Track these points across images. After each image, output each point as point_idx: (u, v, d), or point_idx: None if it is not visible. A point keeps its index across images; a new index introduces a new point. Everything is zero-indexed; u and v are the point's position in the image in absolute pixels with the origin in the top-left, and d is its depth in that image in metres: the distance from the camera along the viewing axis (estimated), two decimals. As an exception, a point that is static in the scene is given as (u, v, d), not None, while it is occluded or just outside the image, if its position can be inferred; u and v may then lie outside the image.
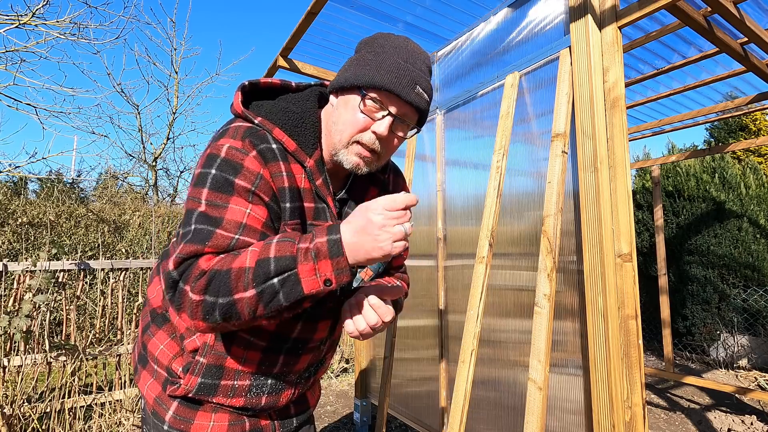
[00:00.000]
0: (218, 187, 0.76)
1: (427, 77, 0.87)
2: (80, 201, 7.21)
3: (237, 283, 0.69)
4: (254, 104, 0.87)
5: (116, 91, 8.01)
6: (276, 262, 0.69)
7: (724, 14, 1.57)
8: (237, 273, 0.69)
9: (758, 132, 7.50)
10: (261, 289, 0.69)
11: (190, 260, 0.72)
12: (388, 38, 0.86)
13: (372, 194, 0.99)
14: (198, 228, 0.74)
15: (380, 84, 0.80)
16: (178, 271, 0.72)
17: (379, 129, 0.82)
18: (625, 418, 1.32)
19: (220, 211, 0.75)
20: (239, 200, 0.76)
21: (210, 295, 0.69)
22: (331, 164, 0.91)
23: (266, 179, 0.79)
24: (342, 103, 0.86)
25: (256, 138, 0.80)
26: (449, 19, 2.33)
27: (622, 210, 1.38)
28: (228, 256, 0.72)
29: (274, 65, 2.61)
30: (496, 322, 1.91)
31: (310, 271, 0.69)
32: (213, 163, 0.77)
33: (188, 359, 0.88)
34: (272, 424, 0.96)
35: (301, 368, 0.96)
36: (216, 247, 0.73)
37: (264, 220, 0.79)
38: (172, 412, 0.88)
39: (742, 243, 4.75)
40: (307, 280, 0.69)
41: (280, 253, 0.70)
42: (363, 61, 0.84)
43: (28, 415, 2.51)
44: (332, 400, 3.57)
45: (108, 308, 3.30)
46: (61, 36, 4.94)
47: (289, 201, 0.82)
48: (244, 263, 0.70)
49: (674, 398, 3.75)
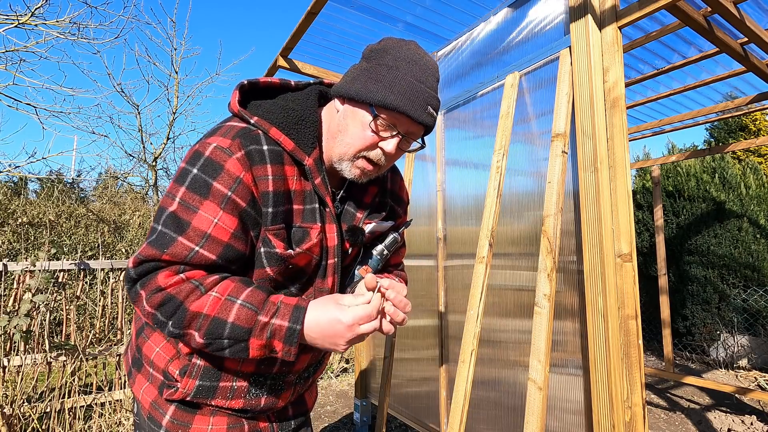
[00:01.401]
0: (195, 187, 0.77)
1: (437, 94, 0.87)
2: (80, 201, 7.21)
3: (190, 323, 0.74)
4: (252, 104, 0.87)
5: (116, 91, 8.00)
6: (231, 329, 0.73)
7: (724, 14, 1.57)
8: (192, 316, 0.73)
9: (758, 132, 7.50)
10: (209, 342, 0.74)
11: (148, 263, 0.75)
12: (399, 49, 0.84)
13: (371, 192, 0.98)
14: (163, 231, 0.76)
15: (393, 106, 0.79)
16: (136, 271, 0.75)
17: (387, 147, 0.83)
18: (625, 418, 1.32)
19: (190, 214, 0.76)
20: (211, 205, 0.76)
21: (161, 315, 0.74)
22: (330, 164, 0.91)
23: (246, 183, 0.78)
24: (350, 114, 0.84)
25: (247, 139, 0.80)
26: (449, 19, 2.33)
27: (622, 210, 1.38)
28: (188, 284, 0.74)
29: (274, 65, 2.61)
30: (496, 322, 1.91)
31: (260, 346, 0.75)
32: (197, 162, 0.78)
33: (185, 362, 0.87)
34: (271, 426, 0.95)
35: (300, 368, 0.95)
36: (173, 256, 0.75)
37: (232, 230, 0.78)
38: (170, 417, 0.87)
39: (742, 243, 4.75)
40: (255, 350, 0.75)
41: (238, 321, 0.73)
42: (375, 75, 0.82)
43: (28, 415, 2.51)
44: (332, 400, 3.57)
45: (108, 308, 3.30)
46: (60, 36, 4.93)
47: (272, 206, 0.81)
48: (202, 309, 0.73)
49: (674, 398, 3.75)
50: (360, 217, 0.95)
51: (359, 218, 0.95)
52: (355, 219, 0.95)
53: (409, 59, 0.83)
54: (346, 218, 0.95)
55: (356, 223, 0.94)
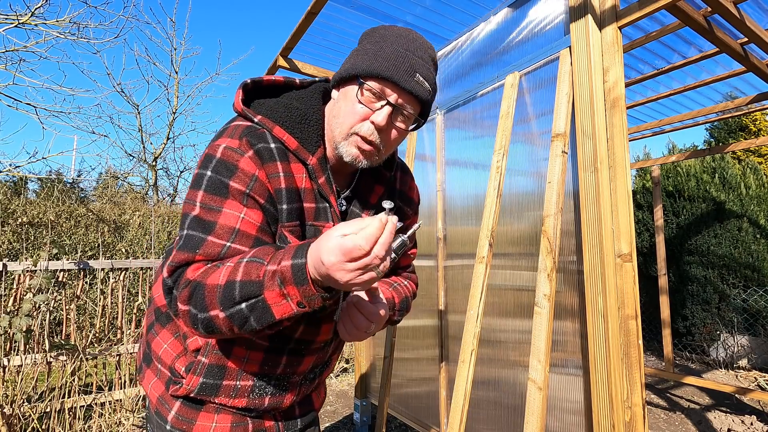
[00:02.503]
0: (213, 189, 0.76)
1: (429, 66, 0.83)
2: (80, 201, 7.20)
3: (211, 300, 0.68)
4: (256, 102, 0.86)
5: (116, 91, 8.01)
6: (241, 287, 0.67)
7: (724, 14, 1.57)
8: (210, 290, 0.68)
9: (758, 132, 7.50)
10: (230, 313, 0.68)
11: (182, 268, 0.74)
12: (389, 29, 0.84)
13: (378, 192, 0.96)
14: (190, 234, 0.75)
15: (377, 71, 0.77)
16: (171, 278, 0.74)
17: (377, 119, 0.79)
18: (625, 418, 1.32)
19: (214, 215, 0.75)
20: (233, 203, 0.76)
21: (192, 307, 0.70)
22: (335, 161, 0.89)
23: (261, 181, 0.78)
24: (342, 95, 0.84)
25: (253, 137, 0.79)
26: (449, 19, 2.33)
27: (622, 210, 1.38)
28: (211, 268, 0.72)
29: (274, 65, 2.61)
30: (496, 322, 1.91)
31: (279, 297, 0.66)
32: (209, 164, 0.78)
33: (191, 359, 0.87)
34: (276, 425, 0.95)
35: (305, 369, 0.94)
36: (207, 255, 0.73)
37: (259, 224, 0.78)
38: (175, 412, 0.88)
39: (742, 243, 4.75)
40: (278, 305, 0.66)
41: (246, 277, 0.67)
42: (362, 51, 0.82)
43: (28, 415, 2.51)
44: (332, 400, 3.57)
45: (108, 308, 3.30)
46: (60, 35, 4.94)
47: (286, 202, 0.80)
48: (217, 280, 0.69)
49: (674, 398, 3.75)
50: (365, 217, 0.93)
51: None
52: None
53: (397, 35, 0.82)
54: (351, 219, 0.92)
55: None
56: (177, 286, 0.73)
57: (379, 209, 0.96)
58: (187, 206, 0.78)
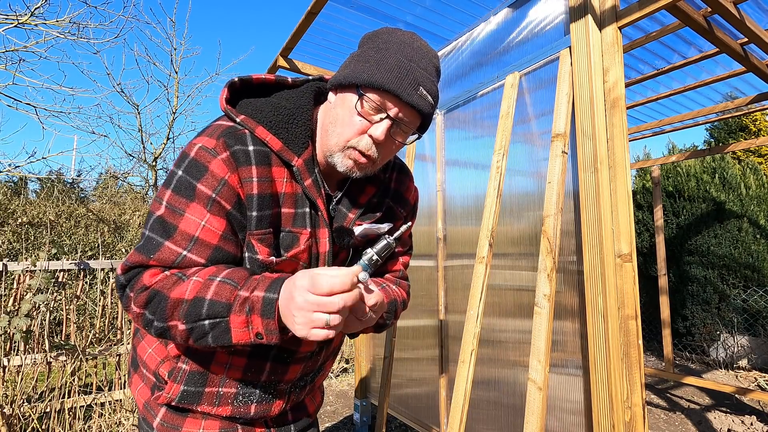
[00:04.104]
0: (180, 190, 0.75)
1: (433, 78, 0.80)
2: (80, 201, 7.20)
3: (173, 312, 0.70)
4: (243, 102, 0.82)
5: (116, 91, 8.01)
6: (210, 305, 0.68)
7: (724, 14, 1.57)
8: (174, 303, 0.69)
9: (758, 132, 7.51)
10: (191, 327, 0.69)
11: (136, 269, 0.74)
12: (393, 33, 0.80)
13: (369, 193, 0.91)
14: (150, 236, 0.74)
15: (379, 83, 0.74)
16: (125, 277, 0.74)
17: (375, 133, 0.77)
18: (625, 418, 1.32)
19: (177, 218, 0.74)
20: (197, 208, 0.74)
21: (149, 313, 0.72)
22: (326, 164, 0.85)
23: (231, 185, 0.75)
24: (339, 101, 0.80)
25: (231, 138, 0.76)
26: (449, 19, 2.33)
27: (622, 210, 1.38)
28: (171, 277, 0.72)
29: (274, 65, 2.61)
30: (496, 322, 1.91)
31: (242, 324, 0.68)
32: (182, 163, 0.76)
33: (173, 364, 0.85)
34: (268, 431, 0.92)
35: (292, 378, 0.91)
36: (161, 261, 0.73)
37: (221, 232, 0.75)
38: (160, 419, 0.85)
39: (742, 243, 4.75)
40: (237, 331, 0.68)
41: (216, 297, 0.68)
42: (364, 57, 0.78)
43: (28, 415, 2.51)
44: (332, 400, 3.57)
45: (108, 308, 3.30)
46: (60, 35, 4.94)
47: (257, 209, 0.77)
48: (183, 294, 0.69)
49: (674, 398, 3.75)
50: (351, 217, 0.88)
51: (350, 218, 0.88)
52: (346, 219, 0.88)
53: (401, 42, 0.78)
54: (338, 219, 0.88)
55: (347, 224, 0.88)
56: (132, 287, 0.73)
57: (367, 210, 0.92)
58: (154, 204, 0.77)
